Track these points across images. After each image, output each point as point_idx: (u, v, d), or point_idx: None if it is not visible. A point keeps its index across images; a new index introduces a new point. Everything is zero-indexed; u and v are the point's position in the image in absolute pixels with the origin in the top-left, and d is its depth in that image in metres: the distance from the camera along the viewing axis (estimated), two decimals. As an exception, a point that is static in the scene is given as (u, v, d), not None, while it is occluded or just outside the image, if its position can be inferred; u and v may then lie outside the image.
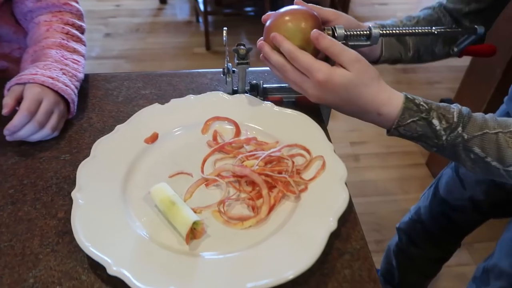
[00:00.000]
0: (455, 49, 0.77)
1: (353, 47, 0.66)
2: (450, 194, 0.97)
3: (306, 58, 0.55)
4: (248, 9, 2.85)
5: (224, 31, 0.68)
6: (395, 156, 1.91)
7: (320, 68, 0.53)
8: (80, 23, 0.83)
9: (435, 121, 0.52)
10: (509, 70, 1.37)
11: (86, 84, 0.79)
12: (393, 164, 1.87)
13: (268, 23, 0.64)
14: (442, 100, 2.20)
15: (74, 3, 0.83)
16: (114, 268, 0.46)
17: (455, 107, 0.53)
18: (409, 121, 0.52)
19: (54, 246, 0.53)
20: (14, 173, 0.62)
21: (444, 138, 0.52)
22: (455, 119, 0.51)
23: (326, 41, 0.54)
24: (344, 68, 0.53)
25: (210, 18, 2.56)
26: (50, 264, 0.51)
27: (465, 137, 0.51)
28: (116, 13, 3.04)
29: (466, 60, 2.51)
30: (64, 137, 0.68)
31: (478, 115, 0.53)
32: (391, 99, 0.54)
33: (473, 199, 0.92)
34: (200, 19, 2.88)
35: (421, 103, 0.53)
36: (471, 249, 1.56)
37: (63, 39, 0.76)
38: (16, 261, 0.51)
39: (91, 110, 0.74)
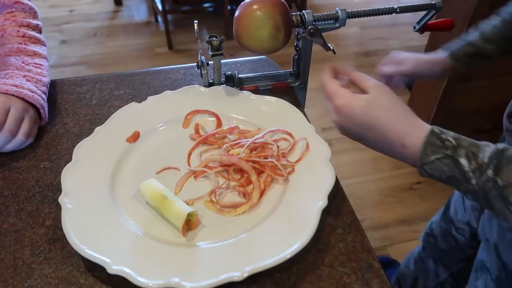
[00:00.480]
0: (417, 26, 0.80)
1: (323, 30, 0.68)
2: (455, 214, 0.90)
3: (330, 85, 0.53)
4: (207, 5, 2.83)
5: (195, 24, 0.68)
6: (366, 137, 1.96)
7: (341, 94, 0.51)
8: (35, 22, 0.79)
9: (463, 161, 0.43)
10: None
11: (56, 90, 0.77)
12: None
13: (236, 13, 0.65)
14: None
15: (25, 1, 0.79)
16: (114, 267, 0.45)
17: (491, 145, 0.44)
18: (432, 158, 0.45)
19: (46, 254, 0.52)
20: (-7, 186, 0.60)
21: (473, 181, 0.43)
22: (486, 159, 0.42)
23: (356, 74, 0.55)
24: (365, 93, 0.51)
25: (169, 16, 2.53)
26: (45, 272, 0.50)
27: (499, 183, 0.41)
28: (70, 18, 2.95)
29: (423, 40, 2.60)
30: (41, 144, 0.66)
31: None
32: (415, 129, 0.47)
33: (470, 225, 0.86)
34: (159, 19, 2.84)
35: (449, 138, 0.44)
36: (445, 218, 1.62)
37: (20, 43, 0.73)
38: (9, 273, 0.50)
39: (65, 115, 0.72)
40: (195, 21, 0.69)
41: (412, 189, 1.75)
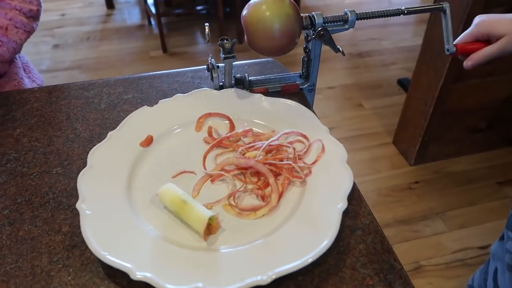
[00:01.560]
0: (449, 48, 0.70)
1: (332, 31, 0.68)
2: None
3: None
4: (200, 7, 2.84)
5: (206, 27, 0.68)
6: (363, 138, 1.98)
7: None
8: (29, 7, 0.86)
9: None
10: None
11: (63, 94, 0.76)
12: (362, 146, 1.94)
13: (244, 13, 0.64)
14: (399, 81, 2.30)
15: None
16: (137, 273, 0.45)
17: None
18: None
19: (64, 261, 0.51)
20: (5, 193, 0.59)
21: None
22: None
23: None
24: None
25: (162, 19, 2.52)
26: (65, 279, 0.49)
27: None
28: (62, 23, 2.93)
29: (416, 40, 2.63)
30: (52, 150, 0.66)
31: None
32: None
33: None
34: (153, 22, 2.83)
35: None
36: (444, 217, 1.64)
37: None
38: (27, 281, 0.49)
39: (74, 120, 0.71)
40: (206, 24, 0.69)
41: (410, 189, 1.76)
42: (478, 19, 0.69)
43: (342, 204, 0.51)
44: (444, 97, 1.61)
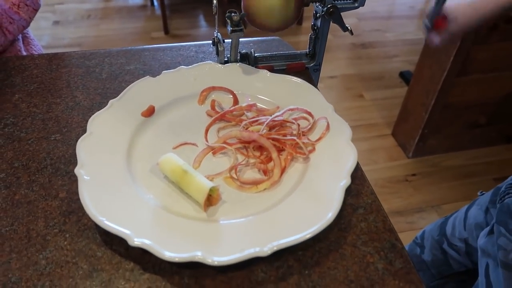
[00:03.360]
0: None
1: (342, 9, 0.67)
2: (453, 229, 0.90)
3: None
4: (203, -10, 2.80)
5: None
6: (362, 128, 1.97)
7: None
8: None
9: None
10: (466, 37, 1.45)
11: (64, 63, 0.75)
12: (361, 136, 1.93)
13: None
14: (401, 73, 2.28)
15: None
16: (135, 240, 0.44)
17: None
18: None
19: (61, 226, 0.50)
20: (1, 156, 0.58)
21: None
22: None
23: None
24: None
25: (165, 1, 2.48)
26: (61, 244, 0.48)
27: None
28: (63, -1, 2.88)
29: (420, 33, 2.61)
30: (51, 117, 0.64)
31: None
32: None
33: (467, 243, 0.86)
34: (155, 2, 2.80)
35: None
36: (439, 210, 1.65)
37: None
38: (23, 244, 0.48)
39: (74, 88, 0.70)
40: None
41: (407, 181, 1.76)
42: None
43: (346, 181, 0.50)
44: (446, 90, 1.60)
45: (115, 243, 0.48)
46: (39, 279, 0.45)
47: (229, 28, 0.64)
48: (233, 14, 0.64)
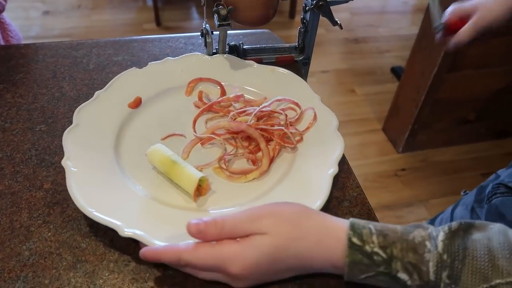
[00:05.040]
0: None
1: (332, 3, 0.67)
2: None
3: (199, 253, 0.39)
4: (196, -18, 2.77)
5: (203, -11, 0.65)
6: (353, 123, 1.98)
7: (228, 256, 0.38)
8: None
9: (403, 275, 0.35)
10: (500, 31, 1.45)
11: (51, 52, 0.74)
12: (352, 131, 1.94)
13: None
14: (392, 69, 2.29)
15: None
16: (126, 230, 0.44)
17: (432, 248, 0.35)
18: (363, 276, 0.37)
19: (45, 217, 0.50)
20: (-15, 147, 0.58)
21: None
22: (431, 275, 0.34)
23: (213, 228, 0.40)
24: (258, 234, 0.39)
25: (158, -8, 2.46)
26: (44, 235, 0.48)
27: None
28: (53, -11, 2.84)
29: (412, 29, 2.61)
30: (36, 108, 0.64)
31: (479, 246, 0.34)
32: (330, 242, 0.38)
33: None
34: (147, -6, 2.77)
35: (375, 250, 0.36)
36: (427, 205, 1.66)
37: None
38: (6, 235, 0.48)
39: (60, 79, 0.69)
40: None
41: (396, 176, 1.77)
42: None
43: (334, 169, 0.51)
44: (436, 86, 1.61)
45: (99, 235, 0.48)
46: (21, 270, 0.45)
47: (217, 22, 0.64)
48: (220, 7, 0.63)
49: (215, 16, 0.64)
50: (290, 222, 0.39)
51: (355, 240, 0.37)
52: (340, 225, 0.39)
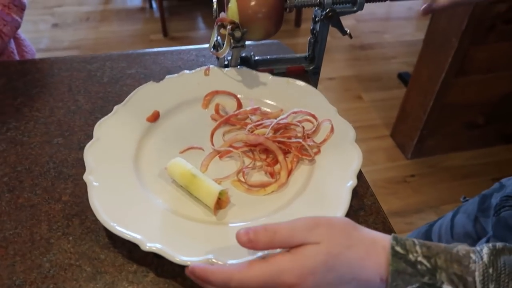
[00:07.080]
0: None
1: (341, 13, 0.67)
2: (439, 239, 0.86)
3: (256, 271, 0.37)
4: (202, -8, 2.80)
5: (214, 3, 0.66)
6: (361, 130, 1.98)
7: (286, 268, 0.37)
8: None
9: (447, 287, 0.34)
10: (464, 38, 1.45)
11: (66, 67, 0.75)
12: (359, 137, 1.92)
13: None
14: (399, 75, 2.29)
15: None
16: (148, 244, 0.44)
17: (477, 259, 0.34)
18: None
19: (64, 229, 0.50)
20: (5, 160, 0.58)
21: None
22: (478, 285, 0.33)
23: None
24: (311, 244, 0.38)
25: (164, 3, 2.49)
26: (64, 247, 0.49)
27: None
28: (61, 1, 2.88)
29: (418, 35, 2.62)
30: (53, 121, 0.65)
31: None
32: (378, 251, 0.37)
33: None
34: (154, 5, 2.80)
35: (419, 259, 0.35)
36: (438, 211, 1.65)
37: None
38: (26, 247, 0.49)
39: (76, 92, 0.70)
40: (213, 0, 0.67)
41: (406, 182, 1.77)
42: None
43: (352, 182, 0.51)
44: (444, 91, 1.61)
45: (118, 246, 0.49)
46: (43, 282, 0.45)
47: (231, 45, 0.64)
48: (236, 30, 0.63)
49: (230, 39, 0.64)
50: (341, 232, 0.39)
51: (398, 248, 0.36)
52: (384, 237, 0.39)
